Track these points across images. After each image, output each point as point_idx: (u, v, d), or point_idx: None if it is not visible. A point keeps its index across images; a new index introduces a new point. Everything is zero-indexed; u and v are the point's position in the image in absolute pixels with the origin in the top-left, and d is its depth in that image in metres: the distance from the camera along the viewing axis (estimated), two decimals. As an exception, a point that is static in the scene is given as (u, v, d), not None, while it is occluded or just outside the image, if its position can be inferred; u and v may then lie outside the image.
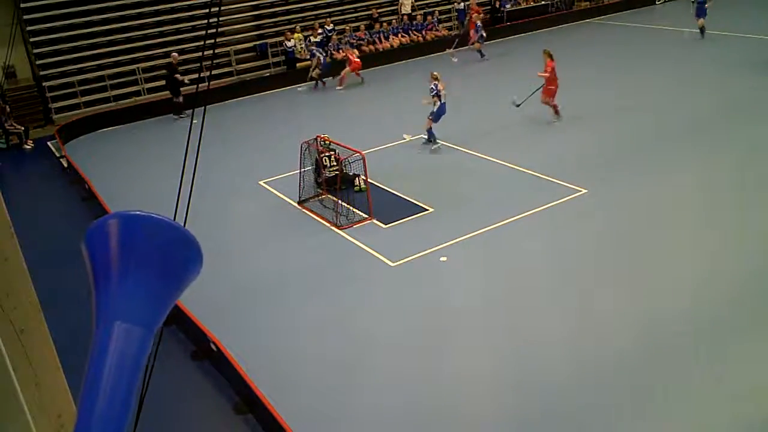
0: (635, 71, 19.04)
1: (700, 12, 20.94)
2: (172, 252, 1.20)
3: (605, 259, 9.95)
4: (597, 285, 9.33)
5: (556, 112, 15.25)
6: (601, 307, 8.75)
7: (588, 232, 10.71)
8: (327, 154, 12.56)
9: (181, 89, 18.40)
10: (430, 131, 14.71)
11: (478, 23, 22.17)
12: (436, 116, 14.41)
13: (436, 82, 14.34)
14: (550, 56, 15.02)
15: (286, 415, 6.78)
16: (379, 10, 24.75)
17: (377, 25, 23.93)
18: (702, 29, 20.73)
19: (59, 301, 9.63)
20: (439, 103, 14.33)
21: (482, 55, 21.91)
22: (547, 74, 14.98)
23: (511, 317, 8.72)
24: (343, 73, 19.54)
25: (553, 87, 15.11)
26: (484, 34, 22.05)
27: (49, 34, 19.85)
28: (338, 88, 19.66)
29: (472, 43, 22.07)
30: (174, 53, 19.13)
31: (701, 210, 11.22)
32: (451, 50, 22.30)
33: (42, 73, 19.64)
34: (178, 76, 18.37)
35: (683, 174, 12.42)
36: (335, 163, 12.44)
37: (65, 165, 15.91)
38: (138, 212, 1.20)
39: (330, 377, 7.91)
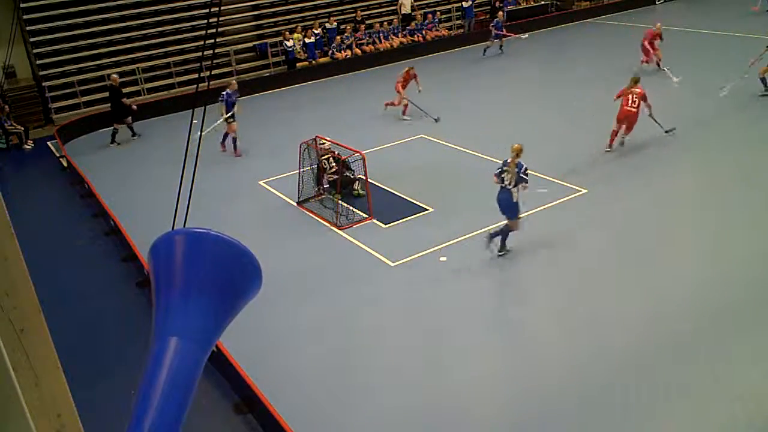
0: (634, 70, 19.02)
1: None
2: (234, 273, 1.19)
3: (606, 258, 9.95)
4: (598, 284, 9.33)
5: None
6: (602, 307, 8.75)
7: (589, 232, 10.70)
8: (326, 156, 12.54)
9: (130, 114, 16.92)
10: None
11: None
12: None
13: None
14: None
15: (286, 415, 6.78)
16: (367, 12, 24.55)
17: (362, 27, 23.72)
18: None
19: (59, 301, 9.67)
20: None
21: None
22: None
23: (511, 317, 8.71)
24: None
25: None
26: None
27: (49, 34, 19.86)
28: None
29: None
30: (114, 75, 17.56)
31: (704, 209, 11.22)
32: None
33: (42, 73, 19.64)
34: (125, 100, 17.03)
35: (685, 173, 12.43)
36: (335, 165, 12.41)
37: (65, 165, 15.92)
38: (205, 230, 1.19)
39: (330, 377, 7.91)
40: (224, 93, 14.73)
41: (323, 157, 12.50)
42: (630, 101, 13.20)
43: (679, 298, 8.76)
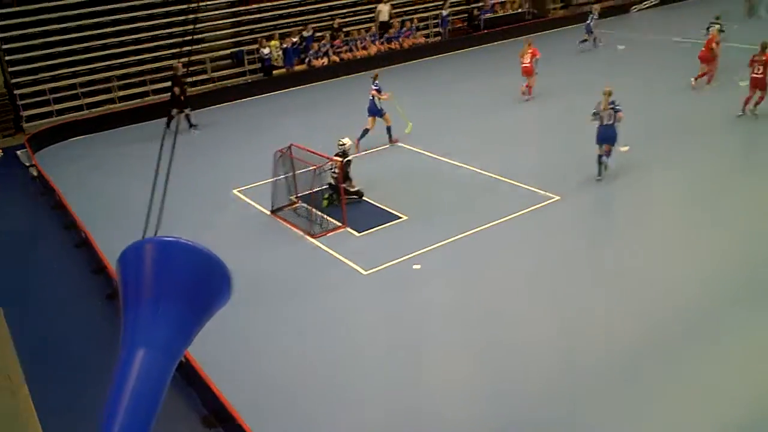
0: (610, 78, 19.15)
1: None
2: (203, 281, 1.17)
3: (580, 265, 9.97)
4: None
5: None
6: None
7: (562, 239, 10.73)
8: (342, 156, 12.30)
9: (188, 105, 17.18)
10: None
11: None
12: None
13: None
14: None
15: (257, 429, 6.68)
16: (345, 20, 24.53)
17: (341, 35, 23.69)
18: None
19: (28, 313, 9.49)
20: None
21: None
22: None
23: (486, 325, 8.69)
24: None
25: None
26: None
27: (22, 41, 19.58)
28: None
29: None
30: (178, 63, 17.66)
31: (683, 212, 11.35)
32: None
33: (14, 80, 19.35)
34: (176, 89, 17.00)
35: (661, 179, 12.50)
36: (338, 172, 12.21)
37: (35, 174, 15.66)
38: (174, 238, 1.16)
39: (304, 387, 7.82)
40: (377, 83, 15.06)
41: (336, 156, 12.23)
42: (755, 69, 14.54)
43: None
